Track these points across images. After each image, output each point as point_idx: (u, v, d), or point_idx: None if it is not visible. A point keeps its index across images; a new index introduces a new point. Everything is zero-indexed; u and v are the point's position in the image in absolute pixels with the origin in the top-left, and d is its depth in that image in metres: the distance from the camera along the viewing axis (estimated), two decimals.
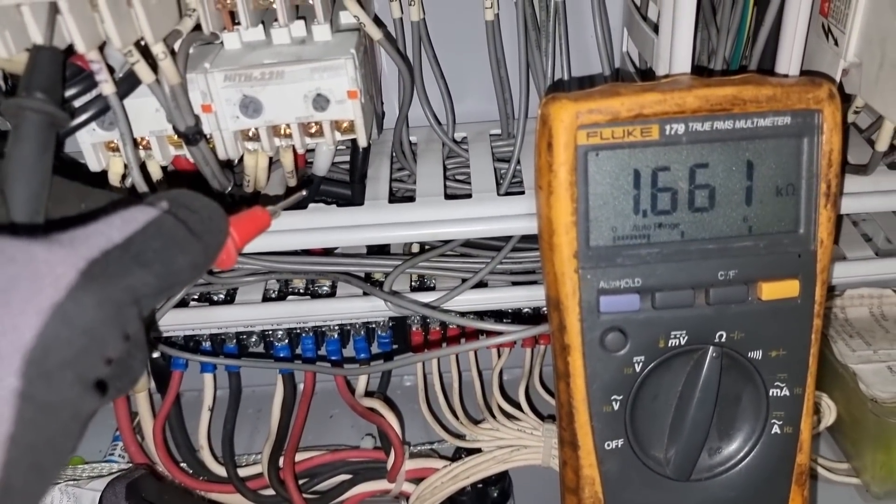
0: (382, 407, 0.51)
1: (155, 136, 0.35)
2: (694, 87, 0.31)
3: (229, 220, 0.29)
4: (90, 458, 0.57)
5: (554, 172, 0.31)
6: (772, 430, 0.35)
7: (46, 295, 0.20)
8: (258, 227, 0.31)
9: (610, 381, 0.34)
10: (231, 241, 0.29)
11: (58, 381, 0.20)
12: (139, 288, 0.23)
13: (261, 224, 0.31)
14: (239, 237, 0.30)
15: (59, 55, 0.29)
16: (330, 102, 0.35)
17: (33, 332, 0.20)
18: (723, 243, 0.33)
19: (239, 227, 0.30)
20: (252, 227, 0.31)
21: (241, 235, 0.30)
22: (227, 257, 0.29)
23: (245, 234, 0.30)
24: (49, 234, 0.23)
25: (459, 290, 0.43)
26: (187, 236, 0.25)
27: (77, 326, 0.21)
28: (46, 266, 0.21)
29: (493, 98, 0.46)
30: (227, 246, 0.29)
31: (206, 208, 0.27)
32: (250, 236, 0.31)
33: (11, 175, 0.27)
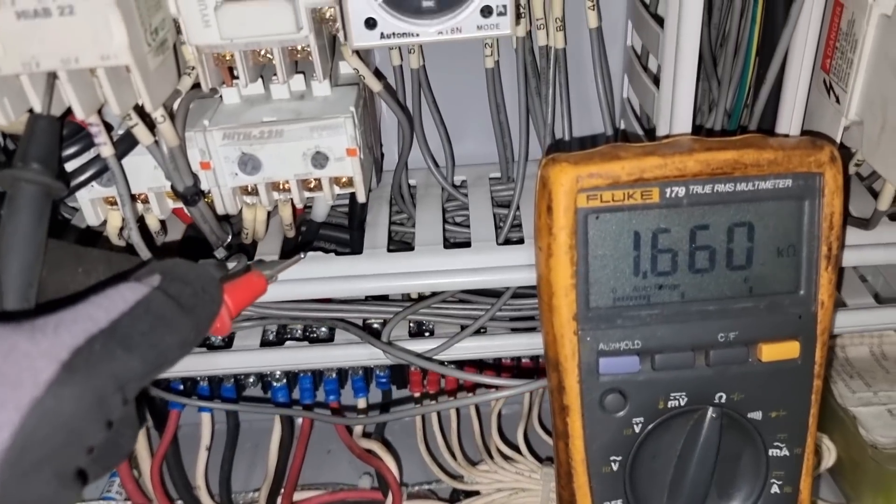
0: (380, 449, 0.51)
1: (153, 192, 0.35)
2: (695, 151, 0.31)
3: (224, 289, 0.29)
4: (88, 496, 0.57)
5: (553, 235, 0.31)
6: (771, 489, 0.35)
7: (26, 390, 0.20)
8: (254, 293, 0.31)
9: (609, 442, 0.34)
10: (225, 310, 0.29)
11: (34, 479, 0.20)
12: (124, 374, 0.23)
13: (257, 290, 0.31)
14: (234, 305, 0.29)
15: (56, 123, 0.29)
16: (329, 160, 0.34)
17: (11, 430, 0.20)
18: (723, 304, 0.33)
19: (234, 294, 0.30)
20: (248, 293, 0.31)
21: (236, 303, 0.30)
22: (222, 326, 0.29)
23: (240, 301, 0.30)
24: (36, 317, 0.22)
25: (459, 337, 0.43)
26: (177, 314, 0.25)
27: (56, 422, 0.20)
28: (27, 359, 0.21)
29: (493, 139, 0.46)
30: (220, 315, 0.29)
31: (200, 279, 0.27)
32: (246, 303, 0.31)
33: (5, 247, 0.26)
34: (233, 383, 0.52)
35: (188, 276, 0.27)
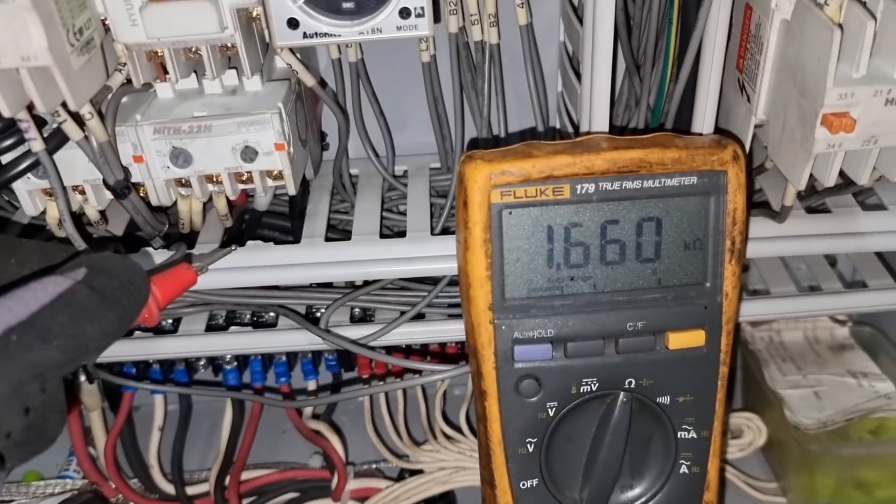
0: (327, 430, 0.53)
1: (90, 185, 0.36)
2: (602, 151, 0.32)
3: (152, 281, 0.30)
4: (47, 474, 0.58)
5: (469, 230, 0.33)
6: (680, 469, 0.37)
7: None
8: (183, 284, 0.32)
9: (525, 425, 0.35)
10: (153, 301, 0.30)
11: None
12: (41, 364, 0.24)
13: (186, 282, 0.32)
14: (162, 296, 0.31)
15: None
16: (258, 154, 0.36)
17: None
18: (633, 295, 0.34)
19: (162, 286, 0.31)
20: (176, 284, 0.32)
21: (164, 294, 0.31)
22: (150, 317, 0.30)
23: (168, 293, 0.31)
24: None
25: (396, 323, 0.44)
26: (100, 307, 0.26)
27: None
28: None
29: (432, 131, 0.47)
30: (148, 306, 0.30)
31: (126, 272, 0.29)
32: (174, 294, 0.32)
33: None
34: (184, 366, 0.53)
35: (114, 269, 0.28)
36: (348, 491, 0.52)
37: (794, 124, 0.34)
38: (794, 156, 0.34)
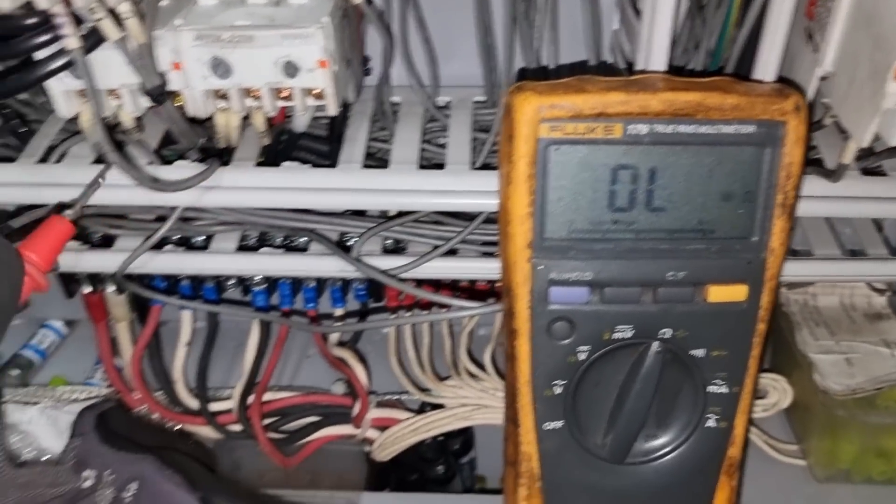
0: (352, 358, 0.53)
1: (126, 89, 0.36)
2: (659, 91, 0.31)
3: (25, 246, 0.29)
4: (73, 380, 0.59)
5: (513, 164, 0.32)
6: (706, 423, 0.36)
7: None
8: (61, 237, 0.30)
9: (554, 367, 0.35)
10: (32, 268, 0.29)
11: None
12: None
13: (63, 234, 0.30)
14: (42, 259, 0.29)
15: None
16: (300, 70, 0.35)
17: None
18: (675, 244, 0.33)
19: (37, 248, 0.29)
20: (54, 241, 0.30)
21: (44, 256, 0.29)
22: (37, 285, 0.29)
23: (47, 252, 0.29)
24: None
25: (429, 256, 0.44)
26: None
27: None
28: None
29: (479, 63, 0.45)
30: (29, 275, 0.28)
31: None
32: (55, 251, 0.30)
33: None
34: (214, 284, 0.53)
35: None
36: (369, 419, 0.53)
37: (864, 78, 0.32)
38: (860, 110, 0.33)
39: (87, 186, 0.31)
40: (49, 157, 0.42)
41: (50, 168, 0.41)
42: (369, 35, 0.46)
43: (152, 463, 0.46)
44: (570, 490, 0.38)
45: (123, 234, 0.46)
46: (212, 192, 0.40)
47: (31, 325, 0.64)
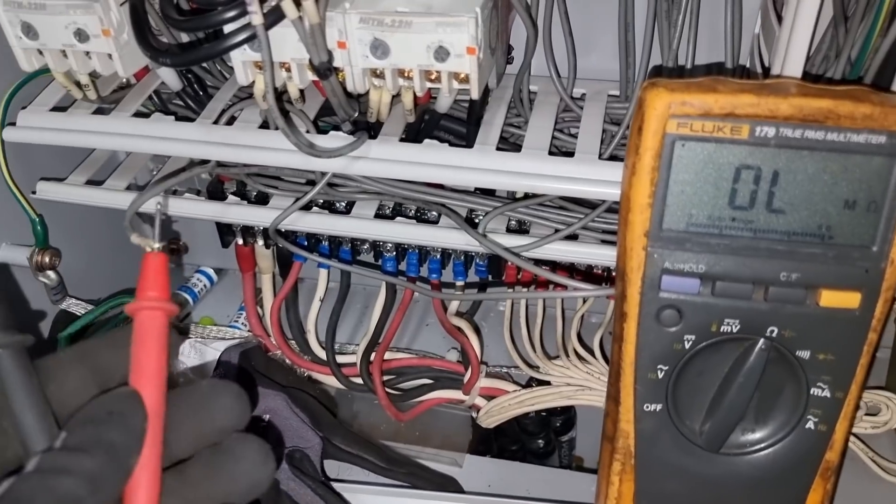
0: (468, 328, 0.56)
1: (295, 63, 0.40)
2: (790, 96, 0.32)
3: (143, 294, 0.29)
4: (219, 322, 0.66)
5: (639, 155, 0.34)
6: (806, 424, 0.37)
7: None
8: (162, 268, 0.31)
9: (659, 352, 0.37)
10: (159, 303, 0.29)
11: None
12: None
13: (162, 265, 0.31)
14: (160, 292, 0.29)
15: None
16: (450, 55, 0.38)
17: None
18: (792, 246, 0.34)
19: (150, 286, 0.29)
20: (158, 274, 0.30)
21: (160, 288, 0.30)
22: (171, 312, 0.29)
23: (161, 285, 0.30)
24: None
25: (551, 238, 0.46)
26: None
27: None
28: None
29: (617, 58, 0.47)
30: (160, 308, 0.29)
31: (114, 411, 0.27)
32: (165, 280, 0.30)
33: (17, 407, 0.28)
34: (349, 247, 0.58)
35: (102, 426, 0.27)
36: (478, 387, 0.56)
37: None
38: None
39: (153, 221, 0.33)
40: (221, 119, 0.48)
41: (222, 129, 0.47)
42: (514, 27, 0.49)
43: (284, 400, 0.51)
44: (661, 470, 0.39)
45: (277, 194, 0.51)
46: (359, 162, 0.44)
47: (188, 270, 0.72)
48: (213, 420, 0.30)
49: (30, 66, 0.45)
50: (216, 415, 0.30)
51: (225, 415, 0.30)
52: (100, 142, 0.49)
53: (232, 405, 0.30)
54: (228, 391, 0.30)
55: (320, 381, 0.60)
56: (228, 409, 0.30)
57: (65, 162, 0.54)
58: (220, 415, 0.30)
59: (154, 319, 0.30)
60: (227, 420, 0.30)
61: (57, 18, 0.42)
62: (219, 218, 0.52)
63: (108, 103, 0.50)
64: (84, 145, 0.50)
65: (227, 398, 0.30)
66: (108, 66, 0.45)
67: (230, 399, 0.30)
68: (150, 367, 0.29)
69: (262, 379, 0.53)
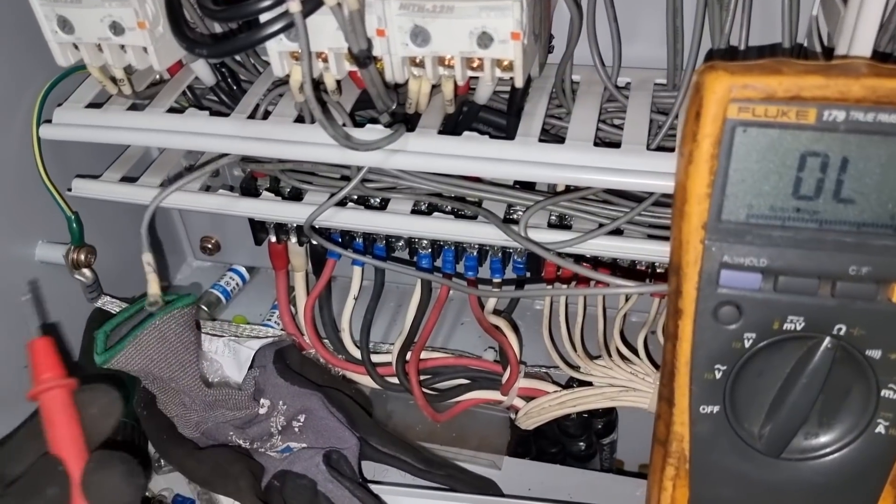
0: (506, 327, 0.54)
1: (333, 53, 0.39)
2: (862, 76, 0.30)
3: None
4: (252, 320, 0.66)
5: (697, 143, 0.32)
6: (876, 428, 0.35)
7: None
8: (47, 350, 0.39)
9: (716, 351, 0.35)
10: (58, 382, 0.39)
11: None
12: None
13: (46, 347, 0.39)
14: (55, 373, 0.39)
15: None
16: (493, 41, 0.36)
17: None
18: (862, 238, 0.32)
19: (49, 367, 0.39)
20: (48, 357, 0.39)
21: (53, 371, 0.39)
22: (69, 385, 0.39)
23: (53, 366, 0.39)
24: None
25: (594, 234, 0.44)
26: None
27: None
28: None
29: (664, 45, 0.45)
30: (59, 386, 0.38)
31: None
32: (54, 360, 0.39)
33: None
34: (384, 244, 0.56)
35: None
36: (517, 388, 0.54)
37: None
38: None
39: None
40: (256, 114, 0.47)
41: (257, 124, 0.46)
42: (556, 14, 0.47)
43: (320, 400, 0.50)
44: (718, 476, 0.37)
45: (312, 190, 0.50)
46: (397, 155, 0.43)
47: (220, 269, 0.71)
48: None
49: (66, 61, 0.45)
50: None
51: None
52: (134, 138, 0.48)
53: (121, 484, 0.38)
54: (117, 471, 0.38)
55: (355, 381, 0.59)
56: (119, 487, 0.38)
57: (100, 159, 0.54)
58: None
59: (55, 399, 0.38)
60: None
61: (92, 11, 0.41)
62: (252, 214, 0.51)
63: (143, 99, 0.49)
64: (119, 142, 0.49)
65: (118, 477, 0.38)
66: (144, 60, 0.44)
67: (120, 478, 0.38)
68: (63, 438, 0.37)
69: (298, 378, 0.52)
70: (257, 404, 0.50)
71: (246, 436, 0.50)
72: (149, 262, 0.47)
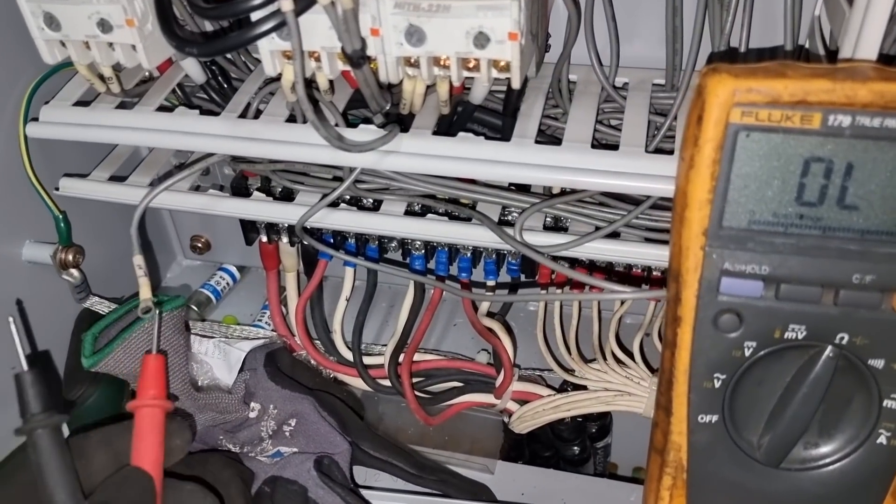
0: (500, 330, 0.54)
1: (326, 52, 0.38)
2: (869, 80, 0.29)
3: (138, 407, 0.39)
4: (242, 321, 0.65)
5: (699, 147, 0.31)
6: (877, 439, 0.34)
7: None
8: (160, 370, 0.41)
9: (716, 359, 0.34)
10: (159, 405, 0.40)
11: None
12: None
13: (158, 366, 0.41)
14: (159, 393, 0.40)
15: (39, 375, 0.38)
16: (490, 41, 0.35)
17: None
18: (866, 246, 0.31)
19: (155, 385, 0.40)
20: (159, 375, 0.41)
21: (159, 389, 0.40)
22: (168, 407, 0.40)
23: (159, 386, 0.41)
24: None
25: (590, 237, 0.44)
26: None
27: None
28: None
29: (662, 45, 0.45)
30: (160, 407, 0.40)
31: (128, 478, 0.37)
32: (163, 381, 0.41)
33: (49, 484, 0.35)
34: (377, 245, 0.55)
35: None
36: (510, 391, 0.54)
37: None
38: None
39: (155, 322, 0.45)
40: (246, 113, 0.46)
41: (248, 123, 0.45)
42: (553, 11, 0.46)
43: (311, 404, 0.49)
44: (716, 486, 0.37)
45: (303, 190, 0.49)
46: (390, 157, 0.42)
47: (210, 268, 0.70)
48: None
49: (52, 59, 0.43)
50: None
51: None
52: (123, 137, 0.47)
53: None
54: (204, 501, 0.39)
55: (346, 383, 0.58)
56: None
57: (88, 158, 0.53)
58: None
59: (153, 417, 0.39)
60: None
61: (80, 8, 0.40)
62: (243, 215, 0.50)
63: (132, 97, 0.48)
64: (107, 141, 0.48)
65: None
66: (132, 58, 0.43)
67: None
68: (150, 455, 0.38)
69: (289, 382, 0.51)
70: (247, 408, 0.49)
71: (236, 440, 0.49)
72: (140, 266, 0.46)
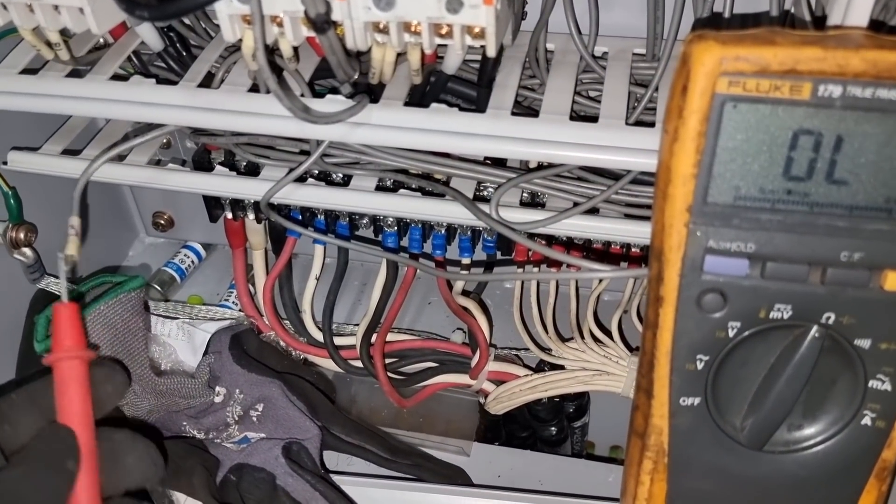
0: (475, 309, 0.52)
1: (288, 16, 0.36)
2: (862, 48, 0.28)
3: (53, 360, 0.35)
4: (208, 301, 0.62)
5: (683, 119, 0.29)
6: (862, 420, 0.33)
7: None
8: (72, 318, 0.36)
9: (699, 340, 0.33)
10: (80, 353, 0.36)
11: None
12: None
13: (72, 315, 0.36)
14: (76, 344, 0.36)
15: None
16: (463, 5, 0.33)
17: None
18: (855, 222, 0.30)
19: (65, 342, 0.36)
20: (73, 325, 0.36)
21: (76, 339, 0.36)
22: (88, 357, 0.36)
23: (76, 336, 0.36)
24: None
25: (568, 213, 0.42)
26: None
27: None
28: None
29: (643, 12, 0.43)
30: (79, 358, 0.35)
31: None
32: (78, 329, 0.36)
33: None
34: (347, 222, 0.54)
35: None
36: (486, 371, 0.52)
37: None
38: None
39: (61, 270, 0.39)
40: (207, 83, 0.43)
41: (208, 93, 0.42)
42: None
43: (280, 388, 0.47)
44: (698, 469, 0.36)
45: (269, 164, 0.47)
46: (360, 129, 0.40)
47: (174, 246, 0.67)
48: (123, 476, 0.35)
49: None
50: (127, 471, 0.36)
51: (134, 473, 0.36)
52: (74, 107, 0.44)
53: (140, 464, 0.36)
54: (136, 449, 0.36)
55: (316, 365, 0.57)
56: (137, 467, 0.36)
57: (40, 130, 0.50)
58: (131, 472, 0.36)
59: (72, 369, 0.35)
60: (135, 478, 0.36)
61: None
62: (205, 191, 0.47)
63: (84, 65, 0.45)
64: (56, 111, 0.45)
65: (136, 456, 0.36)
66: (80, 23, 0.40)
67: (138, 458, 0.36)
68: (75, 410, 0.35)
69: (255, 365, 0.49)
70: (212, 392, 0.47)
71: (200, 426, 0.47)
72: (73, 226, 0.43)
